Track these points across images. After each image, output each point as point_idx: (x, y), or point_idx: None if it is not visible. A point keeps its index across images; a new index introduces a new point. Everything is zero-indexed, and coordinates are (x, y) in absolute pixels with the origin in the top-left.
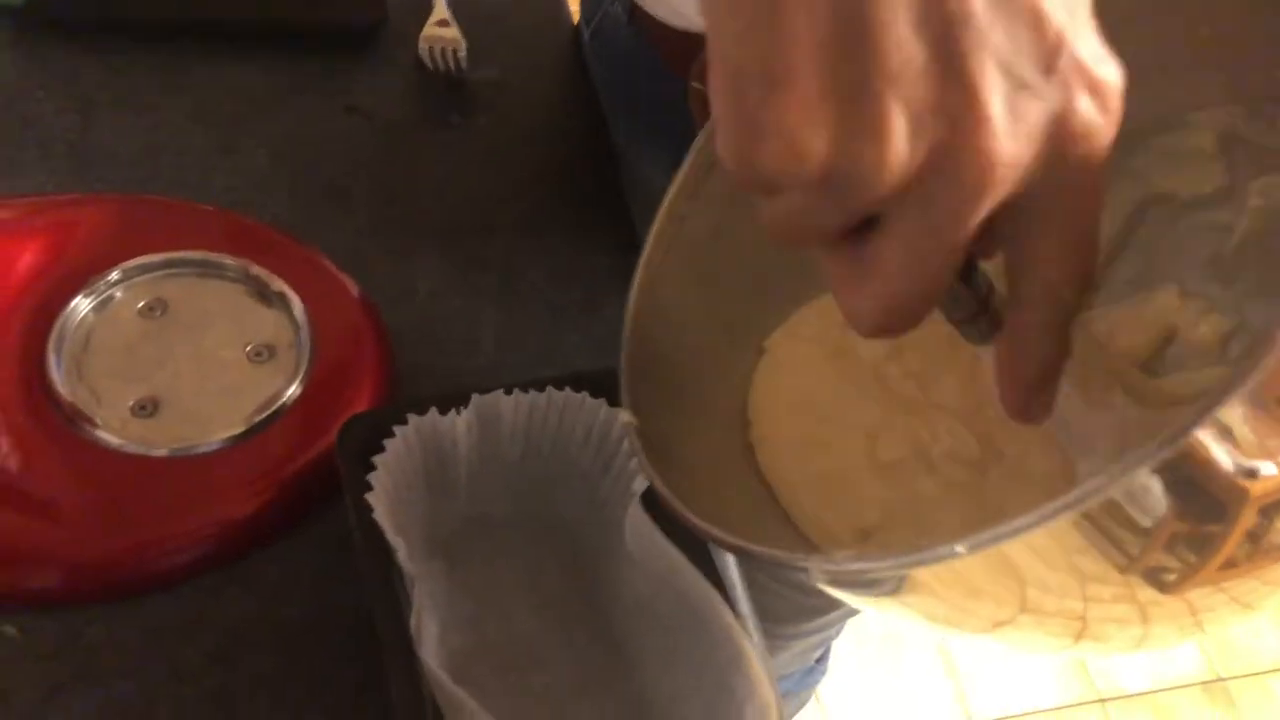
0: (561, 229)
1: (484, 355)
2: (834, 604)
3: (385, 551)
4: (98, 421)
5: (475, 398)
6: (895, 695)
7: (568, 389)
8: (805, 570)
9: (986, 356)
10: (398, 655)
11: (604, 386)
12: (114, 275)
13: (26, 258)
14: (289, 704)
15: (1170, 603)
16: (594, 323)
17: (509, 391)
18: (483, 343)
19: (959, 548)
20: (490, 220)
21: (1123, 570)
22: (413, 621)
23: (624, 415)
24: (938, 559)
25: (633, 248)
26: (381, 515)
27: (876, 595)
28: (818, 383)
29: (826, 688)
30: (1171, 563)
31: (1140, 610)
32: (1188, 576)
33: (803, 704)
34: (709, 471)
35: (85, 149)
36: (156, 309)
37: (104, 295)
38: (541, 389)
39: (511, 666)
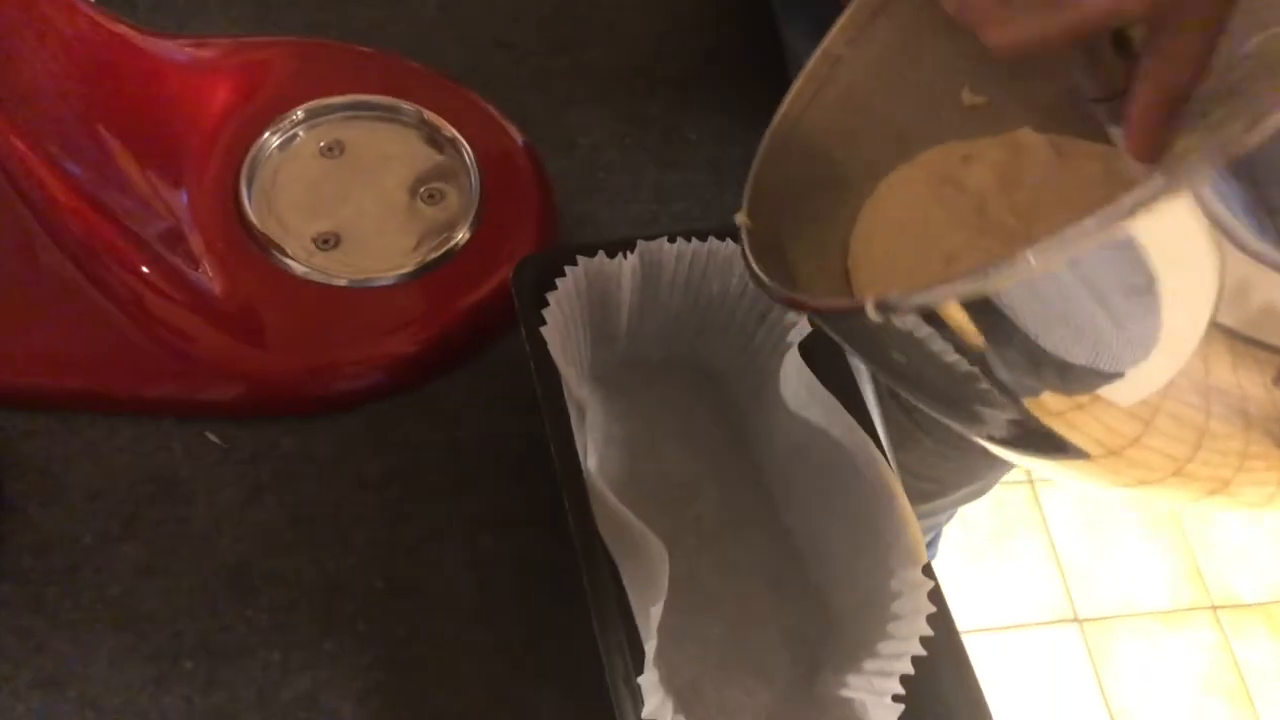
0: (720, 89)
1: (643, 207)
2: (947, 486)
3: (557, 381)
4: (286, 250)
5: (640, 243)
6: (1002, 587)
7: (728, 239)
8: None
9: (1088, 195)
10: (570, 473)
11: None
12: (298, 114)
13: (222, 94)
14: (461, 516)
15: None
16: None
17: (672, 240)
18: (642, 195)
19: (1030, 257)
20: (652, 77)
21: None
22: (579, 443)
23: (739, 216)
24: (1008, 275)
25: None
26: (554, 347)
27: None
28: (915, 207)
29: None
30: None
31: None
32: None
33: None
34: (807, 284)
35: None
36: (335, 149)
37: (289, 134)
38: (704, 239)
39: (663, 498)
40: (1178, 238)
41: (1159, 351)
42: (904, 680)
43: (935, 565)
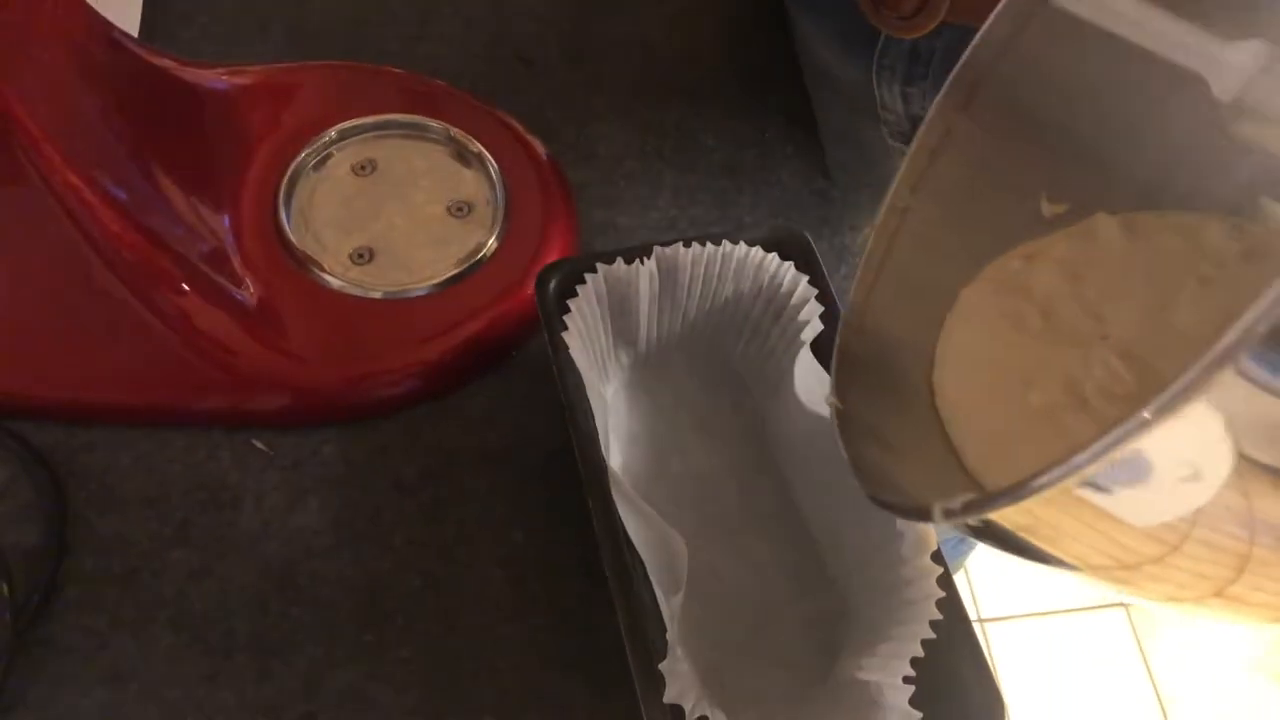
0: (735, 95)
1: (661, 213)
2: None
3: (580, 383)
4: (324, 266)
5: (656, 249)
6: (1048, 572)
7: (741, 243)
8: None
9: (1169, 277)
10: (594, 471)
11: (775, 242)
12: (331, 134)
13: (259, 119)
14: (493, 516)
15: None
16: (766, 184)
17: (688, 244)
18: (661, 201)
19: (1145, 414)
20: (668, 86)
21: None
22: (603, 443)
23: (829, 397)
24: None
25: (802, 119)
26: (576, 350)
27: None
28: (983, 329)
29: (975, 561)
30: None
31: None
32: None
33: (953, 573)
34: (909, 443)
35: (299, 24)
36: (367, 167)
37: (323, 154)
38: (718, 243)
39: (684, 494)
40: None
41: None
42: (919, 663)
43: (979, 552)
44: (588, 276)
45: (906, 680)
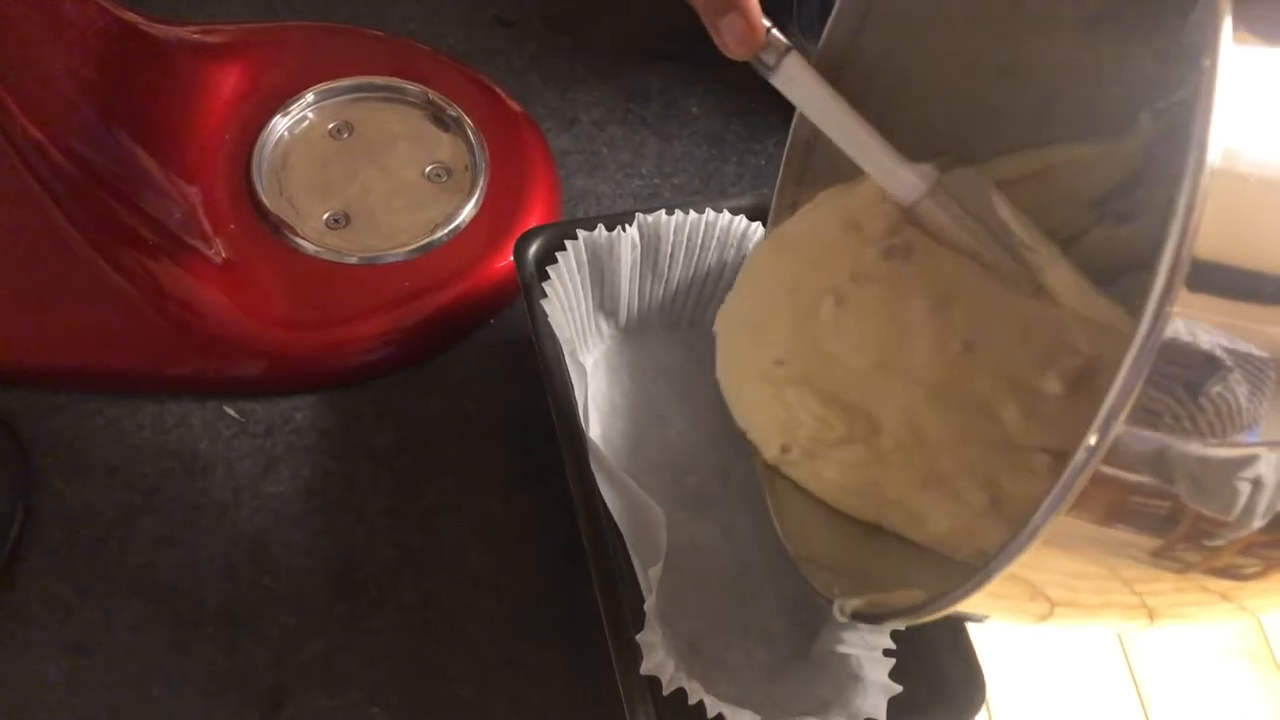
0: (720, 63)
1: (645, 181)
2: None
3: (559, 351)
4: (298, 230)
5: (639, 216)
6: None
7: (725, 211)
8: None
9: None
10: (572, 441)
11: (760, 211)
12: (308, 97)
13: (232, 79)
14: (470, 486)
15: (1256, 584)
16: (751, 153)
17: (670, 212)
18: (644, 169)
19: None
20: (652, 52)
21: (1180, 573)
22: (581, 411)
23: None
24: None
25: None
26: (555, 318)
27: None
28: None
29: None
30: (1248, 563)
31: (1221, 594)
32: (1274, 568)
33: None
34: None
35: None
36: (344, 130)
37: (298, 116)
38: (702, 211)
39: (664, 466)
40: None
41: None
42: (899, 637)
43: None
44: (568, 243)
45: (887, 653)
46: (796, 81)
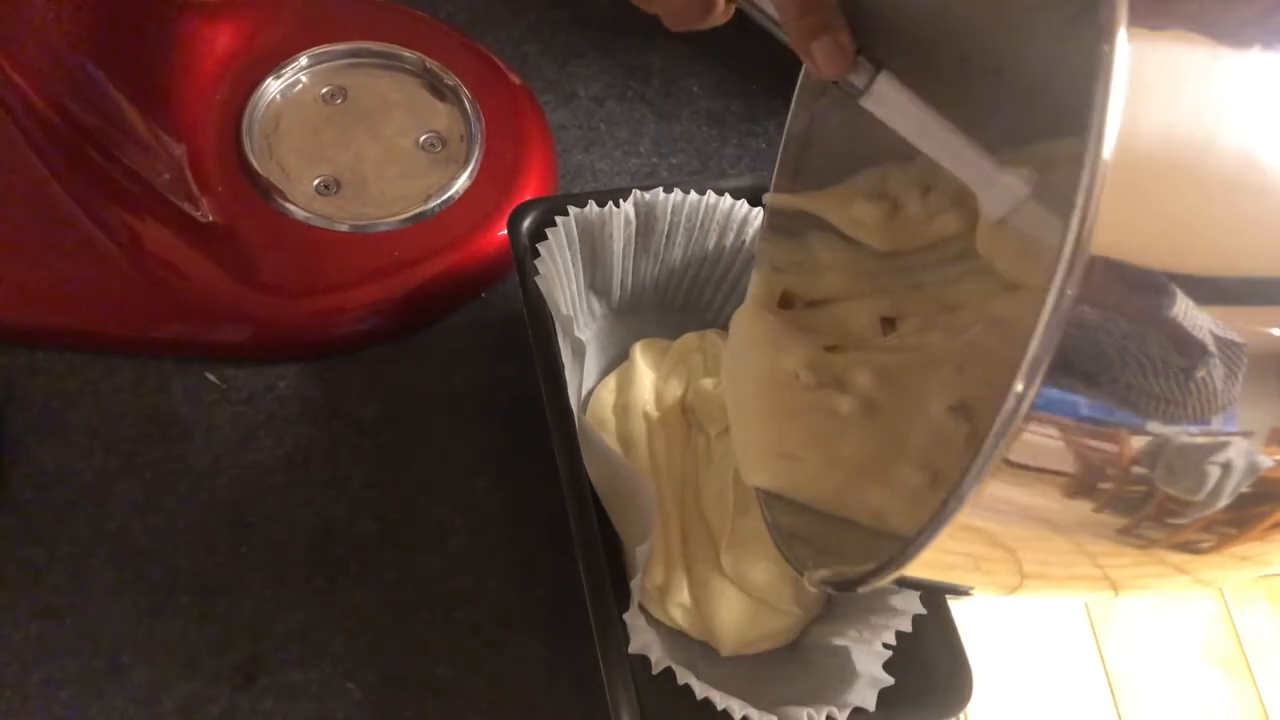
0: (722, 41)
1: (642, 159)
2: None
3: (550, 326)
4: (287, 195)
5: (635, 193)
6: None
7: (727, 195)
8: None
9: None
10: (560, 417)
11: (759, 194)
12: (302, 60)
13: (225, 38)
14: (455, 462)
15: (1212, 558)
16: (751, 135)
17: (668, 190)
18: (642, 147)
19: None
20: (653, 28)
21: (1143, 549)
22: (572, 388)
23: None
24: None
25: (791, 71)
26: (547, 293)
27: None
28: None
29: None
30: (1205, 538)
31: (1177, 567)
32: (1228, 543)
33: None
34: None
35: None
36: (338, 96)
37: (291, 80)
38: (701, 192)
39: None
40: None
41: None
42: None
43: None
44: (558, 219)
45: (886, 646)
46: (890, 101)
